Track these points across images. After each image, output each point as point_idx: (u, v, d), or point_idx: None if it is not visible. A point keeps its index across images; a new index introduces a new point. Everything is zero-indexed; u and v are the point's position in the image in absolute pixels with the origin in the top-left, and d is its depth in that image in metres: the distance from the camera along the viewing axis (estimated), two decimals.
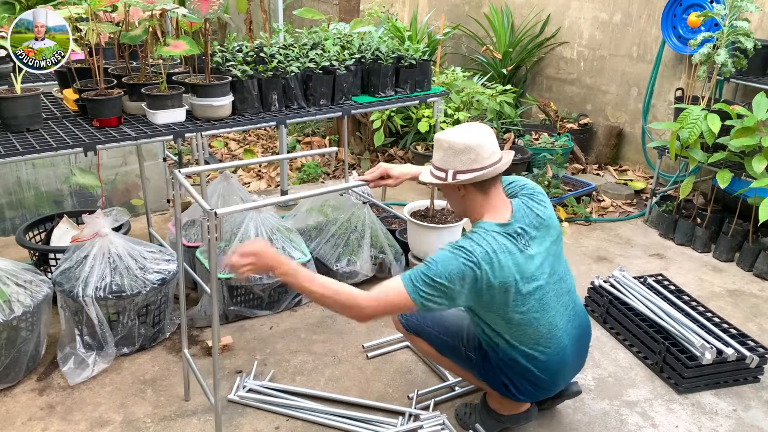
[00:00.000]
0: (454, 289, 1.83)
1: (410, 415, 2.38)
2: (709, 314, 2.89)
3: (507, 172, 2.08)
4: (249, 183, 4.72)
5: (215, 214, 1.85)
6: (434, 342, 2.25)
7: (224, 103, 2.69)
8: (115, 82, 2.71)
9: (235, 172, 4.85)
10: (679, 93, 4.08)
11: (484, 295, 1.88)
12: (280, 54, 2.96)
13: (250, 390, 2.49)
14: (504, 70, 5.48)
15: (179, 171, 2.09)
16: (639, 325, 2.80)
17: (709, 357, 2.52)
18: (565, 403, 2.48)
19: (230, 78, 2.73)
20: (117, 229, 2.90)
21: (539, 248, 1.96)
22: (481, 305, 1.93)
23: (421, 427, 2.32)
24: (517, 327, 1.97)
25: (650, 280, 3.13)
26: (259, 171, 4.93)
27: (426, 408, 2.42)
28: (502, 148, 2.08)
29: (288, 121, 2.87)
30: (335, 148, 2.64)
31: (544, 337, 2.01)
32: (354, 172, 4.45)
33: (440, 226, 2.99)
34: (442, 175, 1.96)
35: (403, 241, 3.36)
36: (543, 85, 5.76)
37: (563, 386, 2.23)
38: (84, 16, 2.57)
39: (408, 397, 2.48)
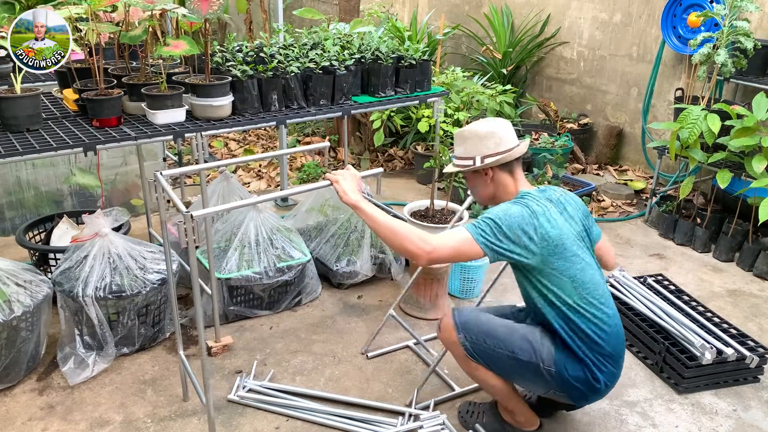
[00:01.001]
0: (516, 235, 1.94)
1: (410, 415, 2.38)
2: (709, 314, 2.88)
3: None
4: (249, 183, 4.72)
5: (191, 216, 1.85)
6: (502, 365, 2.09)
7: (224, 103, 2.69)
8: (115, 82, 2.71)
9: (235, 171, 4.85)
10: (679, 93, 4.08)
11: (546, 246, 1.96)
12: (280, 54, 2.96)
13: (250, 390, 2.49)
14: (504, 70, 5.48)
15: (160, 173, 2.07)
16: (639, 325, 2.80)
17: (709, 357, 2.52)
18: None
19: (230, 78, 2.72)
20: (117, 229, 2.90)
21: (573, 221, 2.06)
22: (544, 261, 1.97)
23: (421, 427, 2.32)
24: (581, 284, 2.01)
25: (650, 280, 3.13)
26: (259, 171, 4.93)
27: (426, 408, 2.42)
28: None
29: (288, 121, 2.87)
30: (327, 143, 2.59)
31: (604, 295, 2.06)
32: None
33: (440, 226, 2.99)
34: (469, 162, 2.10)
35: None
36: (543, 85, 5.76)
37: (620, 370, 2.14)
38: (84, 16, 2.57)
39: (407, 403, 2.48)
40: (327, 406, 2.42)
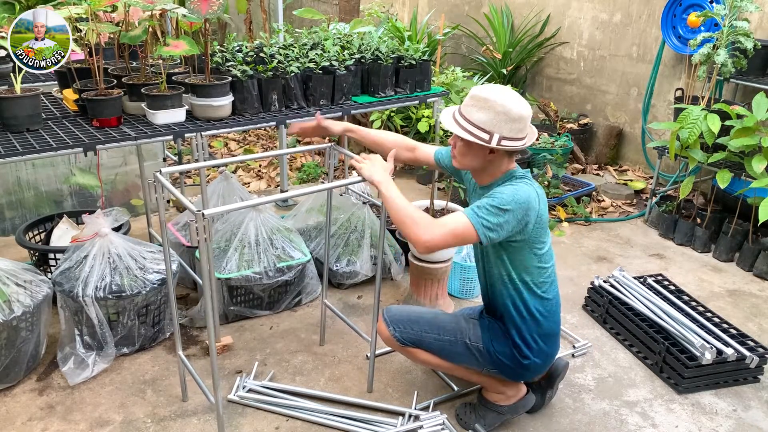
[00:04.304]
0: (516, 216, 1.95)
1: (410, 415, 2.38)
2: (709, 314, 2.89)
3: None
4: (249, 183, 4.72)
5: (203, 215, 1.82)
6: (434, 347, 2.24)
7: (224, 103, 2.69)
8: (115, 82, 2.71)
9: (235, 171, 4.85)
10: (679, 93, 4.08)
11: (538, 227, 2.02)
12: (280, 54, 2.96)
13: (250, 390, 2.49)
14: (504, 70, 5.48)
15: (160, 173, 2.04)
16: (639, 325, 2.80)
17: (709, 357, 2.52)
18: (564, 403, 2.49)
19: (230, 78, 2.72)
20: (117, 229, 2.90)
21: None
22: (530, 239, 2.04)
23: (421, 427, 2.32)
24: (545, 260, 2.12)
25: (650, 280, 3.13)
26: (259, 171, 4.94)
27: (426, 408, 2.42)
28: None
29: (288, 121, 2.87)
30: (328, 144, 2.58)
31: (554, 273, 2.19)
32: (354, 172, 4.45)
33: None
34: (485, 136, 1.96)
35: (403, 241, 3.36)
36: (543, 85, 5.76)
37: (557, 352, 2.28)
38: (84, 16, 2.57)
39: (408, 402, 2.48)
40: (327, 406, 2.43)
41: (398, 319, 2.27)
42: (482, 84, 4.84)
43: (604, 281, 3.11)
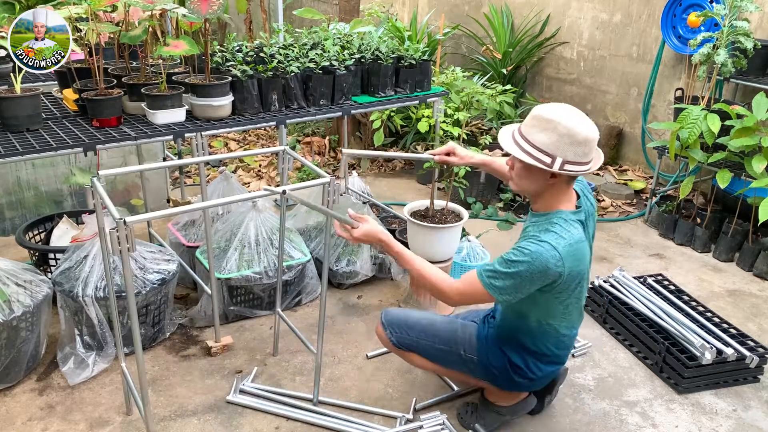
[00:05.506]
0: (532, 281, 1.86)
1: (409, 417, 2.38)
2: (709, 314, 2.89)
3: None
4: (249, 183, 4.72)
5: (125, 222, 1.72)
6: (429, 353, 2.25)
7: (224, 103, 2.69)
8: (115, 82, 2.71)
9: (234, 171, 4.85)
10: (679, 93, 4.08)
11: (566, 281, 1.89)
12: (280, 54, 2.96)
13: (249, 391, 2.48)
14: (504, 70, 5.48)
15: (96, 178, 1.98)
16: (639, 325, 2.80)
17: (709, 357, 2.52)
18: (564, 403, 2.49)
19: (230, 78, 2.73)
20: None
21: (591, 242, 2.06)
22: (554, 291, 1.92)
23: (421, 427, 2.32)
24: (573, 308, 2.03)
25: (650, 280, 3.13)
26: (259, 171, 4.94)
27: (426, 408, 2.42)
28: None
29: (288, 121, 2.87)
30: (283, 147, 2.50)
31: (578, 319, 2.14)
32: (354, 171, 4.44)
33: (440, 226, 2.99)
34: (547, 160, 1.82)
35: (403, 241, 3.36)
36: (543, 85, 5.76)
37: (556, 373, 2.28)
38: (84, 16, 2.57)
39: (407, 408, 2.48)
40: (326, 407, 2.42)
41: (395, 323, 2.28)
42: (481, 82, 4.85)
43: (604, 281, 3.11)
